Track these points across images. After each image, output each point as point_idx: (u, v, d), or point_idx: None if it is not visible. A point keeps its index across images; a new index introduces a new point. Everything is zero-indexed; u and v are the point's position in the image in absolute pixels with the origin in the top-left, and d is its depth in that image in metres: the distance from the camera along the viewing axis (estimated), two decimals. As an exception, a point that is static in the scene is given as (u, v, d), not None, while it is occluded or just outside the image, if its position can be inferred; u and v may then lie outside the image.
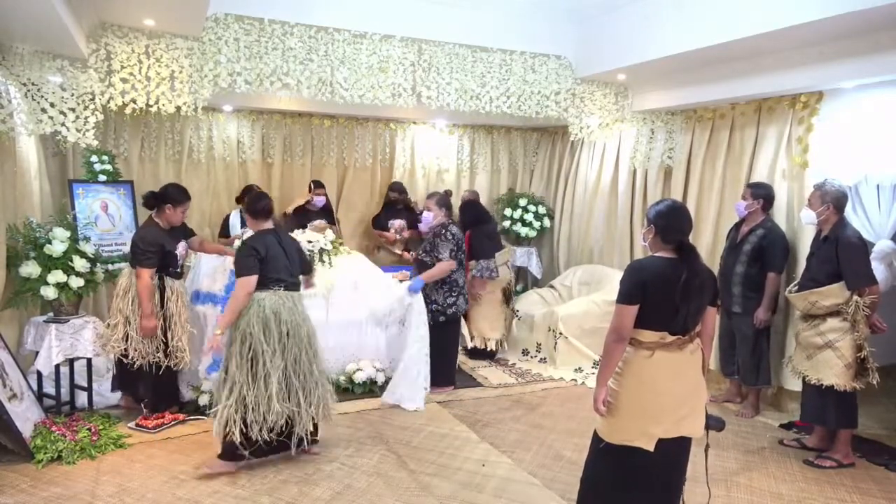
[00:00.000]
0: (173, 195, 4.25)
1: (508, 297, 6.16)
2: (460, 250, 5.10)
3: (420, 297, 4.96)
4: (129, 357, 4.10)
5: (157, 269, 4.15)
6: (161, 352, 4.18)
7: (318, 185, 6.48)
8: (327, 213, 6.52)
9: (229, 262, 4.76)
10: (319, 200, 6.40)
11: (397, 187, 6.97)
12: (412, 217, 6.82)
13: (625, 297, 2.61)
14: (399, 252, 6.64)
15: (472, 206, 6.20)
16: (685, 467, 2.80)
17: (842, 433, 3.98)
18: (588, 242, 6.94)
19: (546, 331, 5.92)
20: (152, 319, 4.09)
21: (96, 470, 3.62)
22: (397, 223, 6.71)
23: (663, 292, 2.57)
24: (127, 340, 4.10)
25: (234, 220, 6.17)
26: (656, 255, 2.71)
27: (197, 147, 6.45)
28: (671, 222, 2.68)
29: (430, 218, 5.12)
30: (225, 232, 6.15)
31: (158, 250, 4.14)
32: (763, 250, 4.57)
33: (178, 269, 4.37)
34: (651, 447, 2.62)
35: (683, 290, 2.56)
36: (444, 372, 5.17)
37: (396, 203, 6.88)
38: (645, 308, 2.60)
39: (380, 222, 6.87)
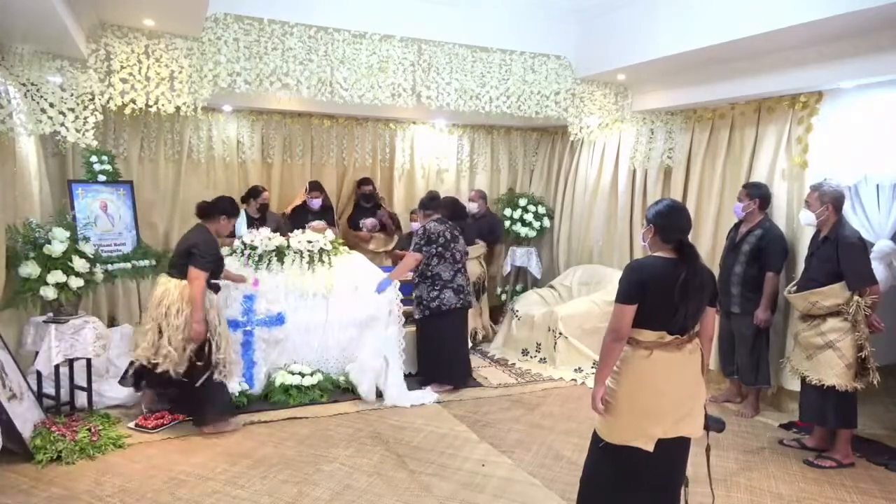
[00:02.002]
0: (231, 208, 4.34)
1: (479, 290, 6.39)
2: (435, 244, 5.10)
3: (390, 296, 5.15)
4: (159, 366, 4.01)
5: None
6: (203, 361, 4.06)
7: (313, 187, 6.47)
8: (327, 213, 6.51)
9: (242, 287, 4.79)
10: (314, 202, 6.41)
11: (368, 181, 6.93)
12: (381, 214, 6.87)
13: (623, 297, 2.61)
14: (376, 249, 6.71)
15: (446, 202, 6.05)
16: (685, 467, 2.79)
17: (841, 433, 3.98)
18: (588, 242, 6.93)
19: (546, 331, 5.92)
20: (203, 324, 4.03)
21: (96, 470, 3.62)
22: (369, 222, 6.78)
23: (662, 292, 2.57)
24: (157, 349, 4.01)
25: (240, 219, 6.16)
26: (655, 254, 2.71)
27: (196, 147, 6.44)
28: (670, 222, 2.68)
29: (415, 226, 5.22)
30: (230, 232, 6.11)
31: (215, 257, 4.17)
32: (761, 250, 4.57)
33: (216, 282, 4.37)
34: (650, 447, 2.62)
35: (682, 290, 2.56)
36: (439, 370, 5.18)
37: (367, 199, 6.86)
38: (644, 308, 2.60)
39: (352, 221, 6.89)
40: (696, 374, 2.70)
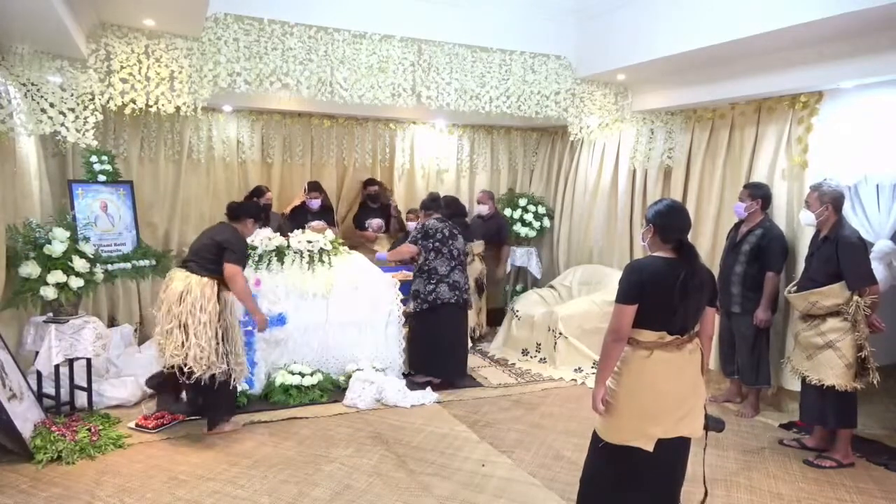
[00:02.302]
0: (258, 213, 4.48)
1: (481, 287, 6.62)
2: (433, 238, 5.18)
3: (390, 296, 5.25)
4: (188, 366, 3.87)
5: (219, 280, 4.04)
6: (225, 362, 4.01)
7: (313, 187, 6.52)
8: (327, 214, 6.52)
9: None
10: (313, 203, 6.43)
11: (374, 181, 7.05)
12: (388, 215, 6.97)
13: (623, 297, 2.61)
14: (381, 250, 6.72)
15: (446, 201, 6.09)
16: (685, 467, 2.80)
17: (841, 433, 3.98)
18: (588, 242, 6.93)
19: (546, 331, 5.92)
20: (260, 313, 4.32)
21: (96, 470, 3.62)
22: (375, 222, 6.86)
23: (662, 292, 2.57)
24: (185, 349, 3.88)
25: None
26: (655, 254, 2.71)
27: (197, 147, 6.44)
28: (670, 222, 2.68)
29: (412, 226, 5.45)
30: None
31: (245, 253, 4.22)
32: (762, 250, 4.57)
33: None
34: (650, 447, 2.62)
35: (681, 290, 2.56)
36: (430, 362, 5.20)
37: (373, 200, 6.96)
38: (643, 308, 2.60)
39: (358, 221, 6.96)
40: (695, 374, 2.70)
